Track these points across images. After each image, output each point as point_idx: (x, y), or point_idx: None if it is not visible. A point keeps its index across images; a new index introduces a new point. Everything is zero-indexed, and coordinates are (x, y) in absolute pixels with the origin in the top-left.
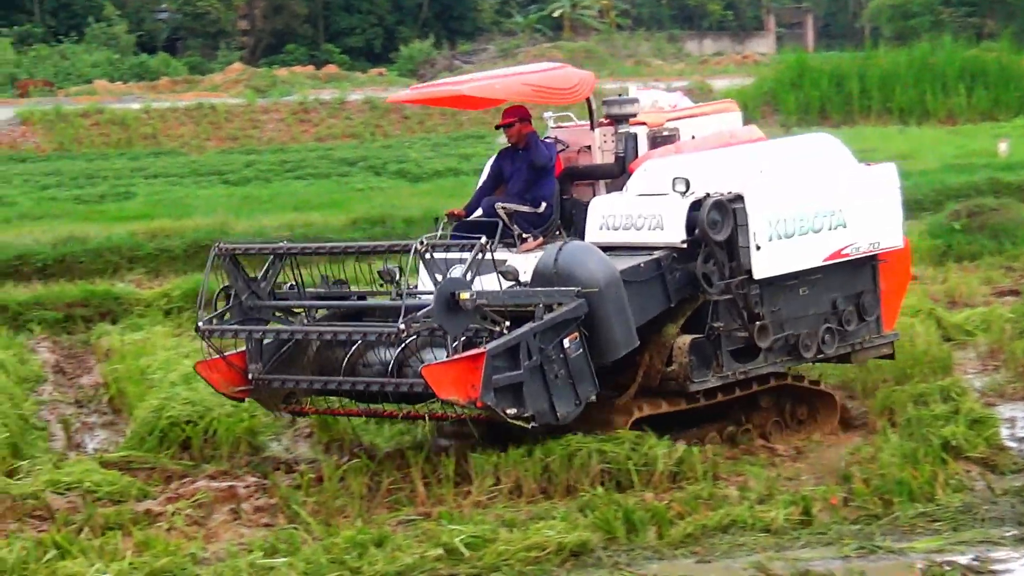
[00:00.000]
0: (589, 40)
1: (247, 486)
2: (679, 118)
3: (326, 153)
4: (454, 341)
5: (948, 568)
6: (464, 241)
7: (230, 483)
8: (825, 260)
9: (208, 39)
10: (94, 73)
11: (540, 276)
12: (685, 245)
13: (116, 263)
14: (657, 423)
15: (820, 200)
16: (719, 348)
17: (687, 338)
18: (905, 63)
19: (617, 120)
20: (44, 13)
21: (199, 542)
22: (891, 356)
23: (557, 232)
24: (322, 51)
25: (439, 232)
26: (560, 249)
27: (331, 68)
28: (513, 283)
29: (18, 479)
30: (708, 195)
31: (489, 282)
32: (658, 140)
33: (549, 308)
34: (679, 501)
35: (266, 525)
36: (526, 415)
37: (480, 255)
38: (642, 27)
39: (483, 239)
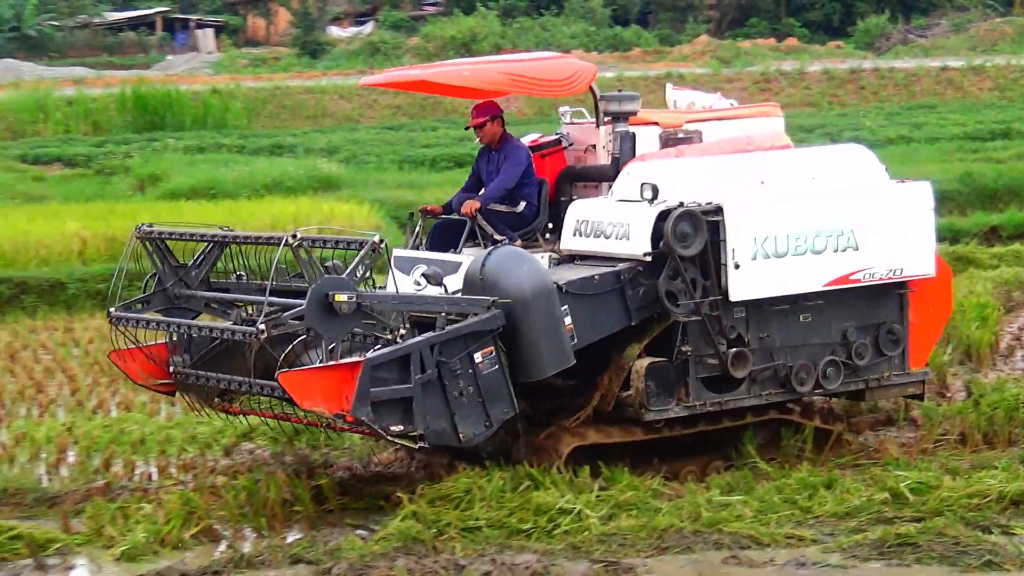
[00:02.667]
0: None
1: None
2: (703, 120)
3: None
4: (330, 345)
5: None
6: (352, 240)
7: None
8: (827, 285)
9: (677, 13)
10: (572, 44)
11: (469, 283)
12: (649, 259)
13: None
14: (618, 452)
15: (826, 218)
16: (686, 375)
17: (645, 361)
18: None
19: (615, 118)
20: None
21: (659, 478)
22: (919, 397)
23: (547, 236)
24: (783, 25)
25: (418, 227)
26: (489, 254)
27: (791, 41)
28: (437, 288)
29: None
30: (681, 204)
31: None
32: (671, 142)
33: (458, 317)
34: None
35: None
36: (413, 433)
37: (372, 252)
38: None
39: (376, 237)
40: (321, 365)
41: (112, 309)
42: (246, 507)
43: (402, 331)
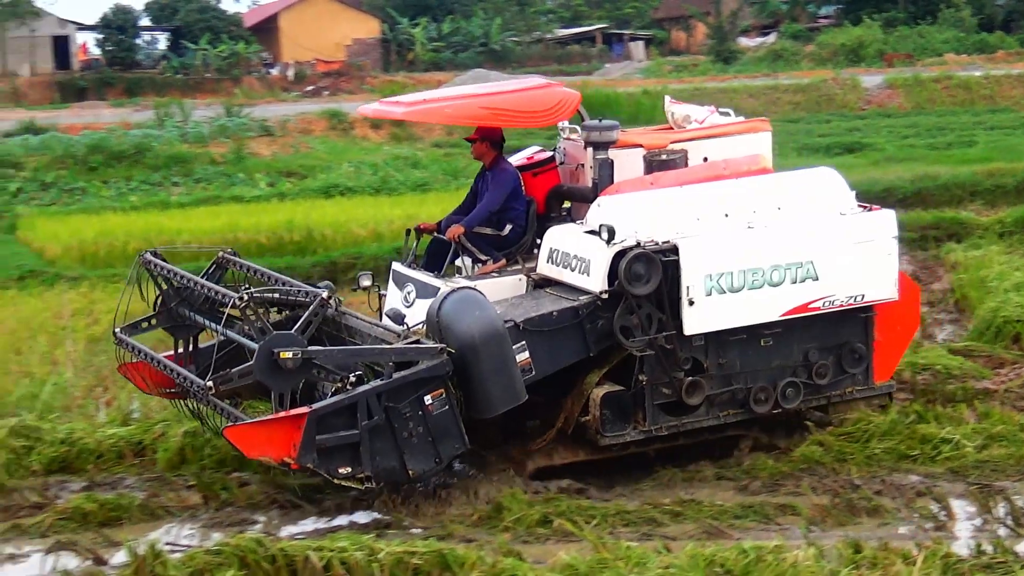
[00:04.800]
0: None
1: None
2: (689, 139)
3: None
4: (278, 398)
5: None
6: (305, 291)
7: None
8: (784, 315)
9: None
10: (944, 48)
11: (429, 322)
12: (606, 296)
13: (959, 195)
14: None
15: (782, 252)
16: (643, 402)
17: (602, 390)
18: None
19: (596, 146)
20: (906, 2)
21: None
22: (885, 408)
23: (535, 251)
24: None
25: (415, 245)
26: (445, 298)
27: None
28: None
29: None
30: (637, 245)
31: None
32: (655, 165)
33: (405, 365)
34: None
35: None
36: (360, 476)
37: (321, 309)
38: None
39: (325, 293)
40: (265, 418)
41: (117, 329)
42: None
43: (351, 379)
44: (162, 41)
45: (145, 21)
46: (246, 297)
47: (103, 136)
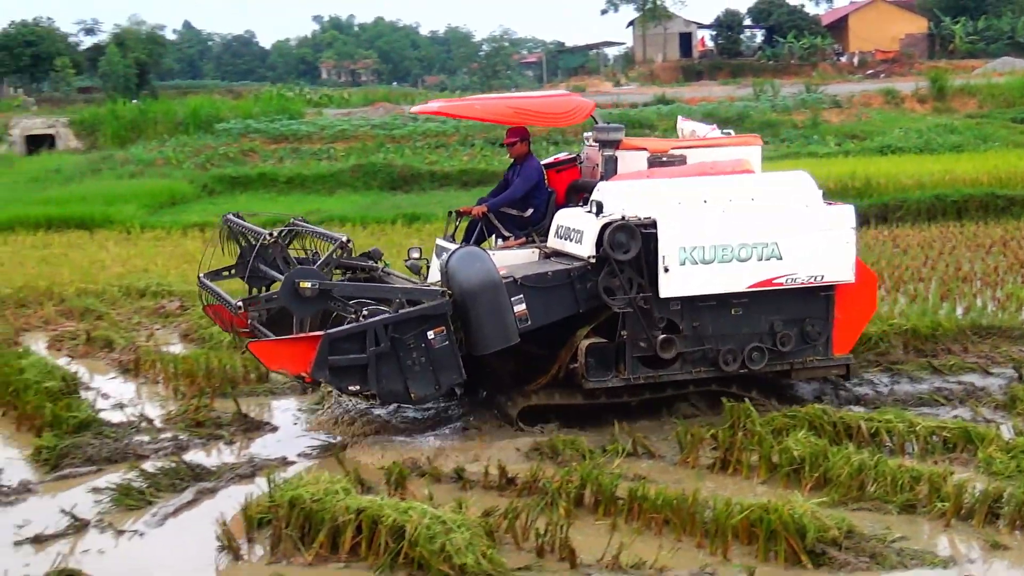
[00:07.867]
0: None
1: None
2: (688, 147)
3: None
4: (299, 322)
5: None
6: (327, 234)
7: None
8: (751, 287)
9: None
10: None
11: (442, 272)
12: (594, 260)
13: None
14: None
15: (750, 233)
16: (624, 354)
17: (587, 341)
18: None
19: (603, 144)
20: None
21: None
22: (845, 377)
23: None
24: None
25: (456, 224)
26: (453, 253)
27: None
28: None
29: None
30: (622, 218)
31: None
32: (656, 164)
33: (414, 303)
34: None
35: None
36: (367, 393)
37: (341, 251)
38: None
39: (344, 238)
40: (286, 337)
41: (201, 275)
42: None
43: (364, 312)
44: (759, 36)
45: (747, 21)
46: (275, 234)
47: (714, 107)
